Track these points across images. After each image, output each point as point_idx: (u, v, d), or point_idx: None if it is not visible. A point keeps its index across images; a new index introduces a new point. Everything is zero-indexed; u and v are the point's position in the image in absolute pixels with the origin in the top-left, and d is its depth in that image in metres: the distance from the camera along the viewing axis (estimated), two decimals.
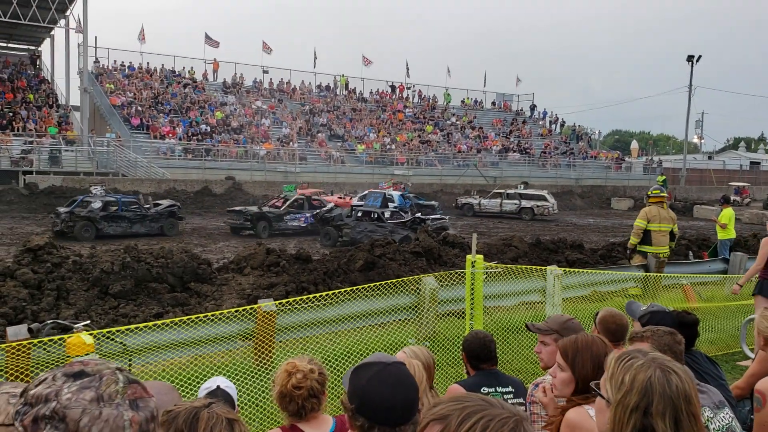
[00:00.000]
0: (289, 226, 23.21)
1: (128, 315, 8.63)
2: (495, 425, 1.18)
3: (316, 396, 2.67)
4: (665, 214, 10.63)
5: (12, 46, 45.43)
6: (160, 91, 44.64)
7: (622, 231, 26.54)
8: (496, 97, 65.04)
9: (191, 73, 49.11)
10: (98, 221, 20.61)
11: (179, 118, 41.87)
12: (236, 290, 10.15)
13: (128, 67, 46.73)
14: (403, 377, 1.88)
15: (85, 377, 1.12)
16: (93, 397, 1.10)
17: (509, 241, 13.63)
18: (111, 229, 20.82)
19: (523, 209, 32.91)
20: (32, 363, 5.54)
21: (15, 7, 34.26)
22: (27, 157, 32.14)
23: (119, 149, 35.06)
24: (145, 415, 1.14)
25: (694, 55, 51.96)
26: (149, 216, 21.81)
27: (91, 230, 20.43)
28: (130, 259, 9.80)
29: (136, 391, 1.15)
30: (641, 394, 1.55)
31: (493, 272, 6.85)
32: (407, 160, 46.62)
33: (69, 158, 33.91)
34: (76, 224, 20.23)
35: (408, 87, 60.22)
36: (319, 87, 55.67)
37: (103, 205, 21.07)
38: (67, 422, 1.07)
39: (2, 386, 1.22)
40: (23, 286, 8.88)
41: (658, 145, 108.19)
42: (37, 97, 39.22)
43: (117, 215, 21.18)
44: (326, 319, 7.54)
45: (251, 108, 47.12)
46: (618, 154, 61.12)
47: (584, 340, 2.62)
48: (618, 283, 9.64)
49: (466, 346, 3.95)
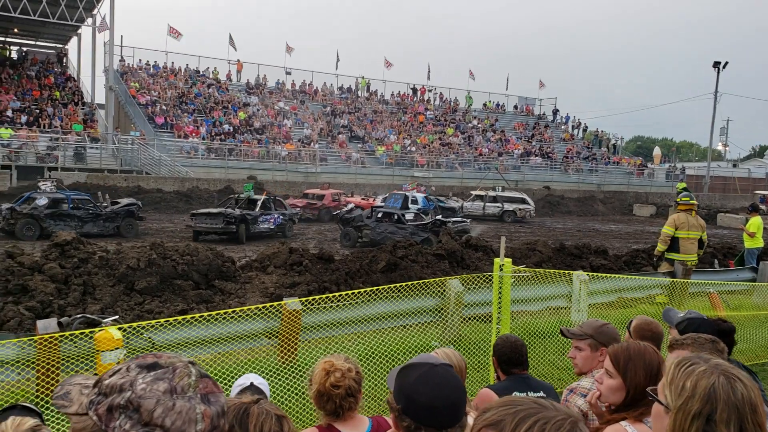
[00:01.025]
0: (261, 229, 21.73)
1: (153, 311, 8.70)
2: (550, 429, 1.15)
3: (353, 395, 2.65)
4: (694, 222, 10.50)
5: (40, 44, 46.13)
6: (185, 90, 45.05)
7: (645, 237, 26.27)
8: (518, 100, 64.78)
9: (215, 73, 49.51)
10: (42, 219, 19.25)
11: (203, 118, 42.21)
12: (259, 288, 10.19)
13: (153, 67, 47.22)
14: (451, 379, 1.86)
15: (158, 369, 1.12)
16: (167, 388, 1.10)
17: (533, 245, 13.54)
18: (57, 227, 18.73)
19: (505, 212, 33.24)
20: (61, 356, 5.60)
21: (44, 5, 34.77)
22: (53, 153, 32.58)
23: (143, 147, 35.42)
24: (216, 410, 1.14)
25: (721, 61, 51.39)
26: (103, 215, 20.47)
27: (35, 228, 19.14)
28: (156, 256, 9.87)
29: (207, 386, 1.15)
30: (704, 400, 1.52)
31: (519, 276, 6.80)
32: (427, 163, 46.57)
33: (94, 155, 34.31)
34: (18, 222, 18.98)
35: (429, 89, 60.18)
36: (340, 89, 55.85)
37: (50, 202, 19.69)
38: (141, 412, 1.06)
39: (74, 378, 1.22)
40: (51, 281, 8.99)
41: (680, 152, 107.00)
42: (64, 95, 39.75)
43: (65, 213, 19.77)
44: (349, 320, 7.53)
45: (273, 109, 47.40)
46: (641, 160, 60.54)
47: (636, 347, 2.58)
48: (644, 290, 9.52)
49: (497, 350, 3.91)
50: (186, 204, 28.98)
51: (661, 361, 2.57)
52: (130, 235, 20.47)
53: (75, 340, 5.64)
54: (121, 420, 1.06)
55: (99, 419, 1.08)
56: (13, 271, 9.07)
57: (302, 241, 20.68)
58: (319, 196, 29.31)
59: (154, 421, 1.06)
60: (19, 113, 35.54)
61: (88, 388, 1.16)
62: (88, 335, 5.61)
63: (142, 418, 1.06)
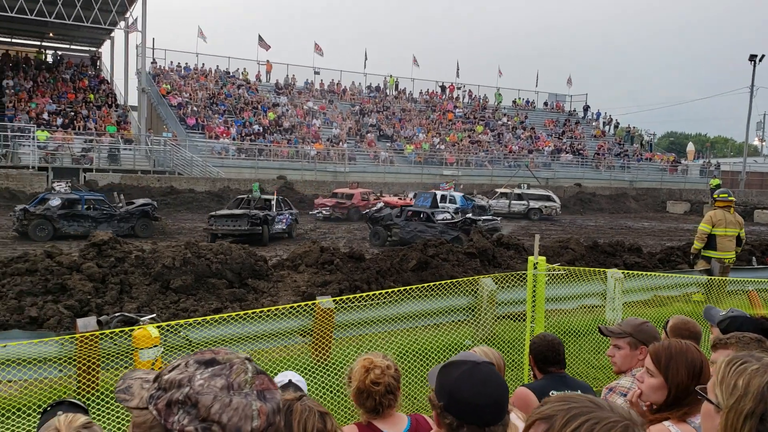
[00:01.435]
0: (276, 229, 21.18)
1: (188, 309, 8.81)
2: (600, 430, 1.14)
3: (392, 392, 2.66)
4: (731, 219, 10.29)
5: (74, 48, 47.12)
6: (215, 91, 45.55)
7: (679, 235, 25.84)
8: (548, 97, 64.15)
9: (245, 74, 49.96)
10: (56, 220, 19.44)
11: (233, 119, 42.65)
12: (291, 287, 10.25)
13: (184, 68, 47.84)
14: (493, 377, 1.86)
15: (216, 365, 1.13)
16: (224, 384, 1.11)
17: (565, 243, 13.40)
18: (71, 228, 19.52)
19: (531, 209, 32.87)
20: (101, 353, 5.72)
21: (78, 9, 35.47)
22: (87, 155, 33.23)
23: (175, 148, 35.91)
24: (272, 407, 1.14)
25: (757, 54, 50.23)
26: (117, 215, 20.54)
27: (48, 229, 19.30)
28: (191, 255, 10.01)
29: (264, 382, 1.16)
30: (757, 399, 1.49)
31: (553, 274, 6.74)
32: (456, 161, 46.39)
33: (127, 157, 34.91)
34: (31, 222, 19.14)
35: (458, 87, 59.93)
36: (369, 87, 55.91)
37: (64, 202, 19.86)
38: (199, 408, 1.08)
39: (135, 372, 1.25)
40: (88, 280, 9.17)
41: (715, 148, 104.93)
42: (97, 97, 40.50)
43: (79, 214, 19.94)
44: (381, 318, 7.55)
45: (302, 108, 47.67)
46: (674, 156, 59.51)
47: (678, 345, 2.54)
48: (680, 288, 9.37)
49: (534, 348, 3.88)
50: (217, 204, 29.21)
51: (704, 360, 2.52)
52: (145, 234, 20.52)
53: (114, 338, 5.75)
54: (179, 415, 1.08)
55: (158, 414, 1.10)
56: (53, 270, 9.27)
57: (332, 240, 20.77)
58: (348, 196, 29.40)
59: (212, 417, 1.07)
60: (55, 116, 36.34)
61: (149, 383, 1.18)
62: (127, 333, 5.72)
63: (200, 414, 1.08)
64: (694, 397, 2.33)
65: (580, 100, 64.01)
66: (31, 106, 36.36)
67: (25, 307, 8.15)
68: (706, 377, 2.32)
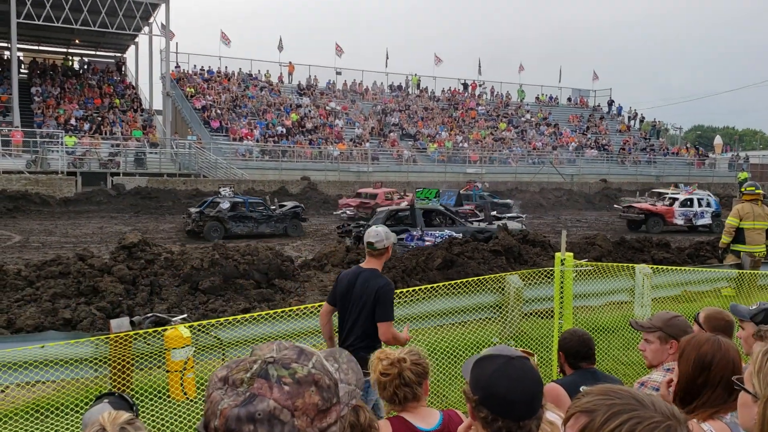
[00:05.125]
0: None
1: (217, 310, 8.93)
2: (642, 429, 1.11)
3: (408, 385, 2.69)
4: (760, 212, 10.15)
5: (100, 54, 47.83)
6: (238, 94, 45.93)
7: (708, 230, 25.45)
8: (571, 93, 63.55)
9: (267, 76, 50.29)
10: (227, 221, 21.11)
11: (256, 121, 42.95)
12: (318, 287, 10.33)
13: (207, 72, 48.31)
14: (528, 371, 1.87)
15: (242, 359, 1.16)
16: (223, 376, 1.13)
17: (592, 239, 13.30)
18: (238, 229, 21.29)
19: None
20: (134, 354, 5.83)
21: (104, 16, 36.00)
22: (114, 159, 33.74)
23: (200, 151, 36.28)
24: (242, 413, 1.07)
25: None
26: (274, 217, 22.18)
27: (220, 230, 20.96)
28: (219, 256, 10.13)
29: (261, 387, 1.09)
30: None
31: (580, 271, 6.71)
32: (480, 158, 46.21)
33: (153, 160, 35.37)
34: (206, 224, 20.76)
35: (480, 84, 59.67)
36: (390, 87, 55.92)
37: (232, 205, 21.63)
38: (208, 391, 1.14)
39: None
40: (119, 282, 9.33)
41: (744, 141, 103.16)
42: (123, 102, 41.08)
43: (244, 215, 21.67)
44: (408, 316, 7.57)
45: (325, 109, 47.84)
46: (702, 150, 58.60)
47: (699, 339, 2.50)
48: (710, 283, 9.27)
49: (564, 344, 3.89)
50: None
51: (732, 354, 2.48)
52: (295, 234, 22.20)
53: (146, 338, 5.86)
54: None
55: None
56: (85, 273, 9.45)
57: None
58: (371, 195, 29.44)
59: (207, 401, 1.12)
60: (82, 121, 36.95)
61: None
62: (159, 333, 5.83)
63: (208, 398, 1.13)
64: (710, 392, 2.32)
65: (604, 96, 63.35)
66: (59, 112, 37.03)
67: (59, 309, 8.32)
68: (738, 371, 2.30)
